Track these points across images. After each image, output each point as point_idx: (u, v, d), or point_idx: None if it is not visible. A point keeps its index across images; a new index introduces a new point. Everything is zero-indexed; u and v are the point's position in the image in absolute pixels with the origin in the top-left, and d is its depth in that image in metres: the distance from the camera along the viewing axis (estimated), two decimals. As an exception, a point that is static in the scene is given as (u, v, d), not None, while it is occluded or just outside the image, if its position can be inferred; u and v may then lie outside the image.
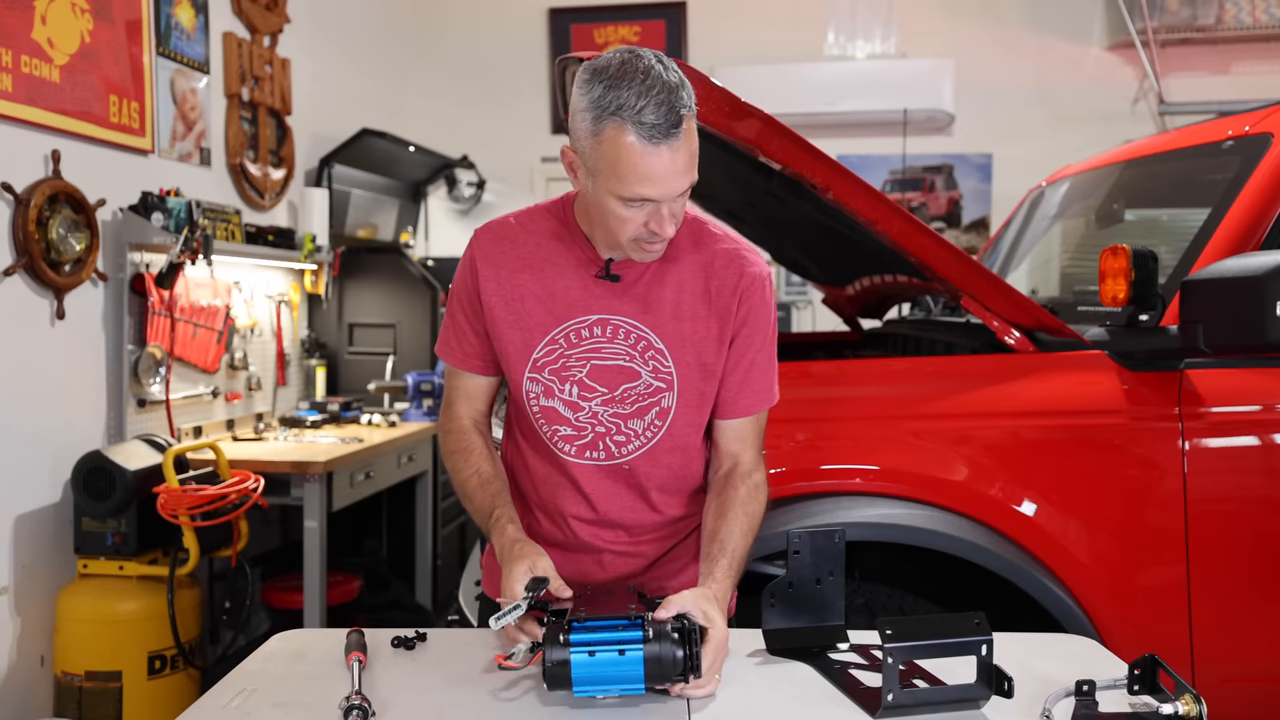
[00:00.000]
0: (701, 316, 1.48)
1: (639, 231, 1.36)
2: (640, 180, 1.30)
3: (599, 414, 1.49)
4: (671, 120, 1.27)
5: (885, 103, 5.24)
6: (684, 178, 1.33)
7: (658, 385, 1.48)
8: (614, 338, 1.47)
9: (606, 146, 1.29)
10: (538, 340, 1.48)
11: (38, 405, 2.84)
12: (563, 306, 1.48)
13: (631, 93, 1.26)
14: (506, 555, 1.38)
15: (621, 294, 1.47)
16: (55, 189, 2.83)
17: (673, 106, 1.27)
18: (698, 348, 1.48)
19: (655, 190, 1.31)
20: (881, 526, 1.96)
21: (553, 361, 1.48)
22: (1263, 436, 2.08)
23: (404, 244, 5.11)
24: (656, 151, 1.28)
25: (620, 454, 1.51)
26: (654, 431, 1.50)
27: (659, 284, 1.48)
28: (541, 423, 1.51)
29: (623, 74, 1.28)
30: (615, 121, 1.27)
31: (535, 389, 1.50)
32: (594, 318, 1.47)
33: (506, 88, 5.71)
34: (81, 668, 2.74)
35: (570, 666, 1.21)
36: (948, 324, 2.74)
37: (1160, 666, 1.22)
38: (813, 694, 1.30)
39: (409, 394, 4.06)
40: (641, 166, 1.28)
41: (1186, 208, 2.55)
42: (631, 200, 1.32)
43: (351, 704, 1.18)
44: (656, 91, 1.27)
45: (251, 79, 3.94)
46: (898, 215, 2.11)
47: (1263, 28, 5.05)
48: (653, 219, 1.34)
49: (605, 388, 1.48)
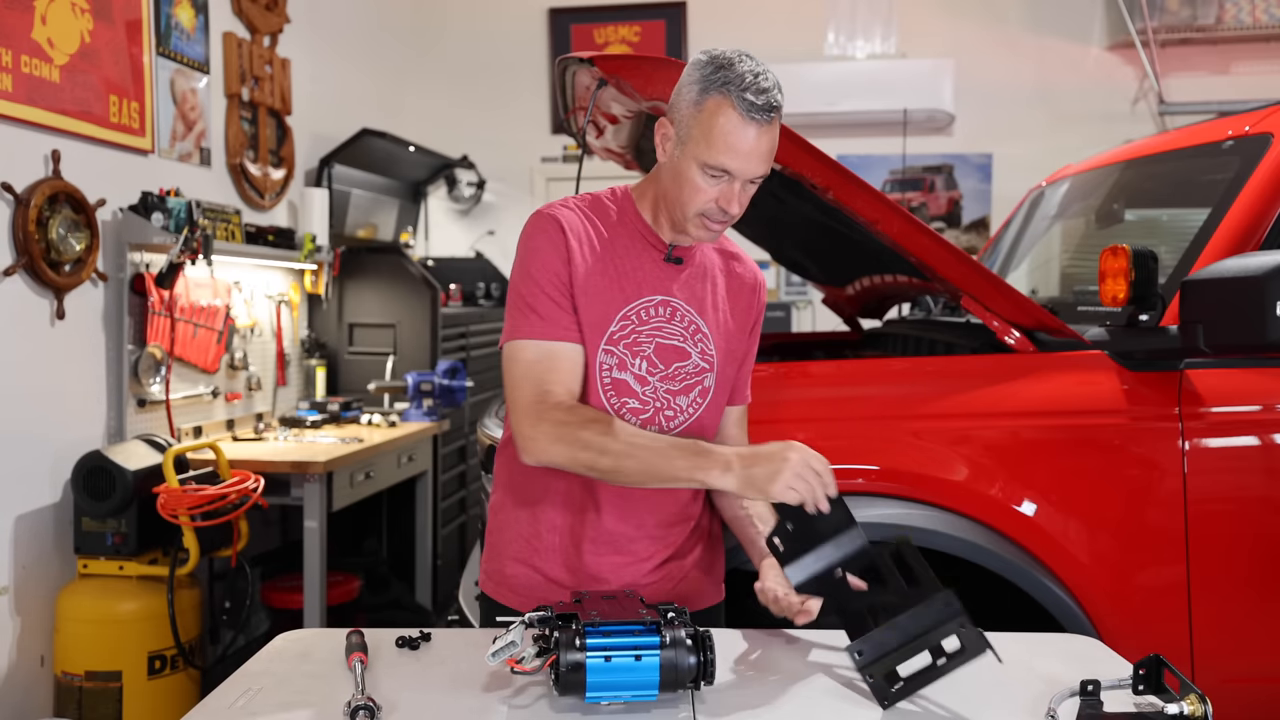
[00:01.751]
0: (729, 309, 1.64)
1: (708, 206, 1.47)
2: (727, 150, 1.42)
3: (659, 389, 1.57)
4: (768, 104, 1.41)
5: (885, 103, 5.24)
6: (762, 162, 1.45)
7: (703, 366, 1.60)
8: (672, 318, 1.58)
9: (706, 114, 1.42)
10: (614, 314, 1.55)
11: (38, 405, 2.83)
12: (633, 285, 1.57)
13: (742, 71, 1.41)
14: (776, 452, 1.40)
15: (675, 278, 1.59)
16: (55, 189, 2.83)
17: (772, 94, 1.42)
18: (729, 337, 1.63)
19: (737, 164, 1.43)
20: (881, 527, 1.96)
21: (626, 336, 1.55)
22: (1263, 436, 2.08)
23: (404, 244, 5.11)
24: (748, 127, 1.41)
25: (669, 427, 1.59)
26: (695, 409, 1.60)
27: (701, 276, 1.62)
28: (611, 395, 1.55)
29: (736, 60, 1.43)
30: (721, 93, 1.41)
31: (610, 360, 1.55)
32: (658, 298, 1.58)
33: (506, 88, 5.71)
34: (81, 668, 2.74)
35: (585, 671, 1.20)
36: (948, 324, 2.74)
37: (1165, 666, 1.22)
38: (819, 692, 1.30)
39: (409, 394, 4.06)
40: (733, 136, 1.41)
41: (1186, 208, 2.56)
42: (713, 169, 1.44)
43: (358, 704, 1.18)
44: (762, 78, 1.42)
45: (251, 79, 3.94)
46: (898, 215, 2.12)
47: (1263, 28, 5.06)
48: (724, 195, 1.46)
49: (664, 364, 1.57)
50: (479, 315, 4.91)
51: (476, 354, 4.81)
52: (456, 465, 4.59)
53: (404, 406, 4.12)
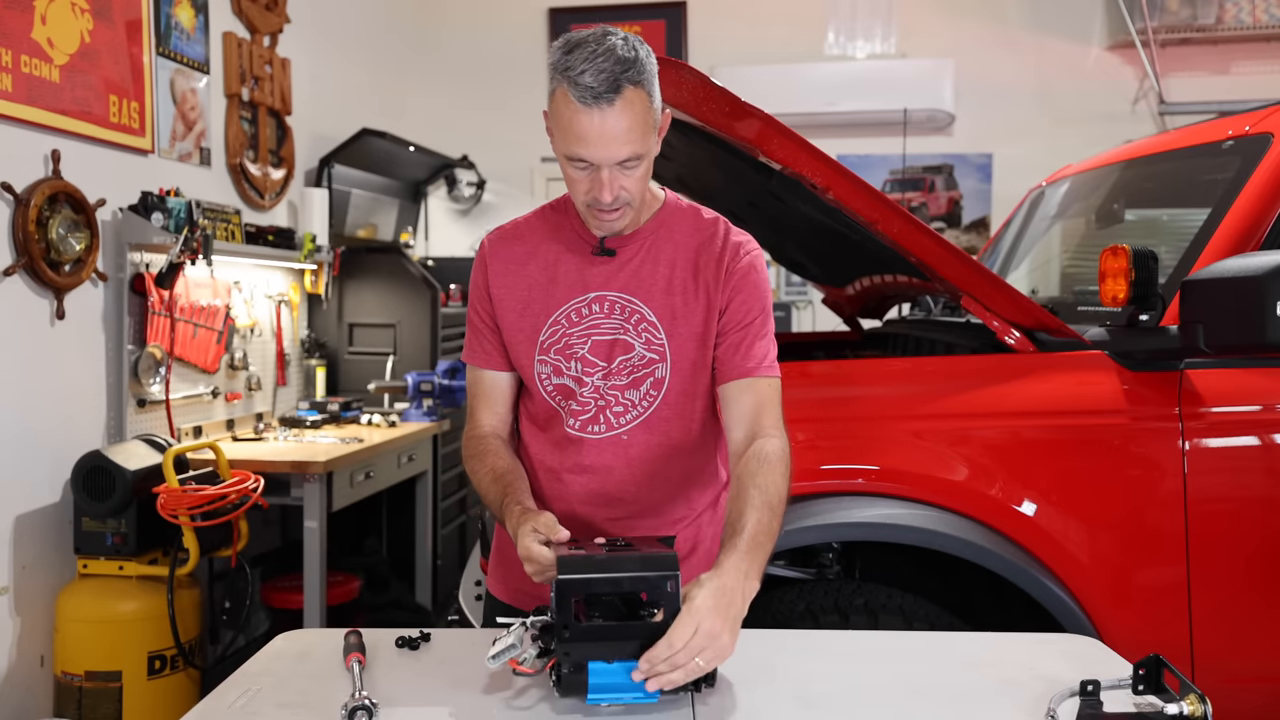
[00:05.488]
0: (692, 290, 1.54)
1: (586, 197, 1.44)
2: (575, 139, 1.38)
3: (600, 388, 1.54)
4: (607, 86, 1.34)
5: (885, 103, 5.24)
6: (621, 145, 1.38)
7: (651, 356, 1.54)
8: (610, 313, 1.54)
9: (555, 106, 1.39)
10: (543, 323, 1.55)
11: (38, 405, 2.83)
12: (564, 288, 1.55)
13: (578, 58, 1.35)
14: (516, 527, 1.39)
15: (616, 271, 1.55)
16: (55, 189, 2.83)
17: (613, 75, 1.35)
18: (689, 320, 1.54)
19: (589, 151, 1.38)
20: (881, 526, 1.96)
21: (556, 341, 1.55)
22: (1263, 436, 2.08)
23: (404, 244, 5.11)
24: (588, 112, 1.35)
25: (619, 424, 1.55)
26: (650, 401, 1.55)
27: (652, 261, 1.55)
28: (558, 400, 1.56)
29: (579, 43, 1.38)
30: (561, 82, 1.37)
31: (545, 369, 1.56)
32: (592, 295, 1.55)
33: (506, 88, 5.71)
34: (81, 668, 2.74)
35: (588, 673, 1.20)
36: (948, 324, 2.74)
37: (1165, 666, 1.22)
38: (821, 694, 1.30)
39: (409, 394, 4.06)
40: (574, 125, 1.36)
41: (1186, 208, 2.56)
42: (572, 160, 1.40)
43: (356, 705, 1.18)
44: (601, 59, 1.35)
45: (251, 79, 3.94)
46: (898, 215, 2.12)
47: (1263, 28, 5.05)
48: (594, 183, 1.41)
49: (604, 361, 1.54)
50: (479, 315, 4.90)
51: (476, 354, 4.79)
52: (456, 465, 4.59)
53: (404, 406, 4.11)
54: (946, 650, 1.47)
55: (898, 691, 1.31)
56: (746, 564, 1.29)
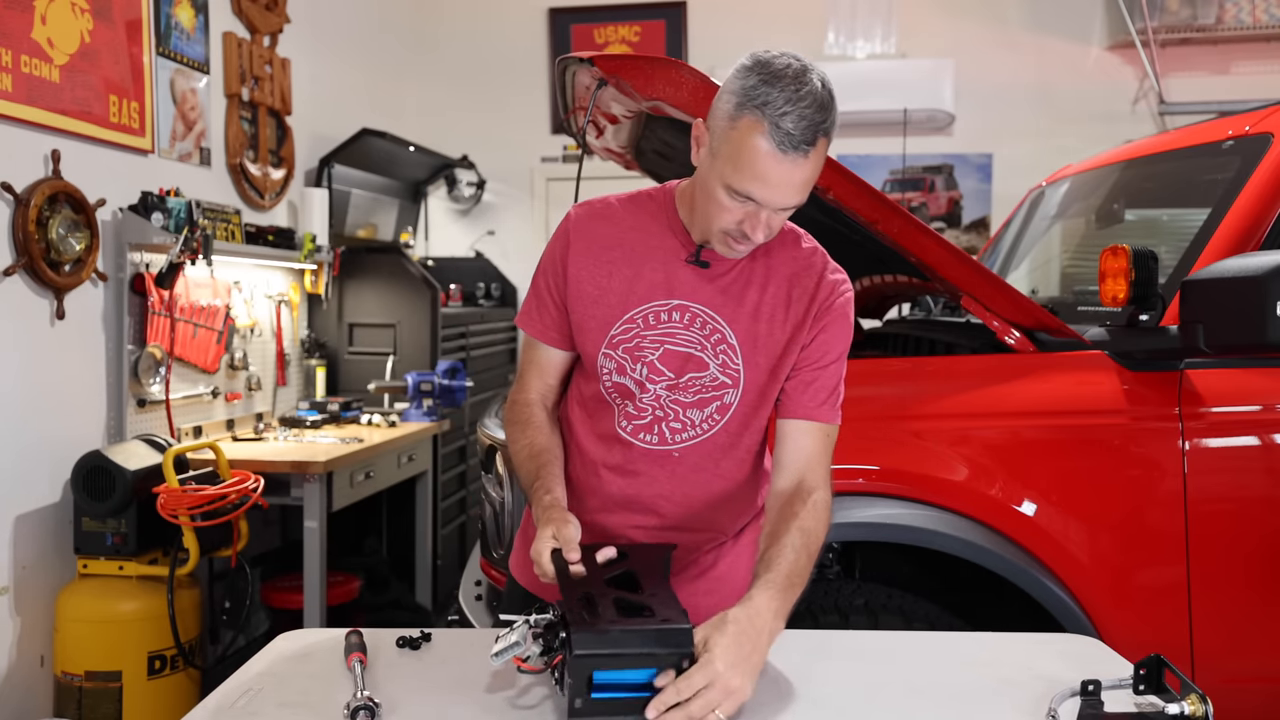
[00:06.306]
0: (779, 320, 1.48)
1: (731, 226, 1.37)
2: (755, 179, 1.30)
3: (662, 398, 1.49)
4: (807, 136, 1.27)
5: (885, 103, 5.24)
6: (796, 193, 1.32)
7: (723, 380, 1.48)
8: (689, 325, 1.47)
9: (738, 135, 1.29)
10: (617, 317, 1.49)
11: (38, 405, 2.83)
12: (646, 287, 1.48)
13: (782, 95, 1.27)
14: (538, 518, 1.38)
15: (705, 283, 1.48)
16: (55, 189, 2.83)
17: (814, 123, 1.28)
18: (770, 350, 1.48)
19: (764, 194, 1.31)
20: (881, 526, 1.96)
21: (628, 340, 1.49)
22: (1263, 436, 2.08)
23: (404, 244, 5.12)
24: (781, 159, 1.28)
25: (673, 440, 1.50)
26: (710, 425, 1.50)
27: (745, 282, 1.48)
28: (615, 397, 1.51)
29: (783, 75, 1.28)
30: (755, 115, 1.27)
31: (609, 364, 1.50)
32: (674, 303, 1.48)
33: (506, 88, 5.71)
34: (81, 668, 2.74)
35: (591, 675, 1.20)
36: (948, 324, 2.74)
37: (1166, 666, 1.22)
38: (825, 694, 1.30)
39: (409, 394, 4.06)
40: (761, 166, 1.29)
41: (1186, 208, 2.56)
42: (738, 194, 1.32)
43: (359, 704, 1.18)
44: (806, 105, 1.27)
45: (251, 79, 3.94)
46: (898, 215, 2.12)
47: (1263, 28, 5.05)
48: (749, 220, 1.35)
49: (672, 373, 1.48)
50: (479, 315, 4.91)
51: (476, 354, 4.81)
52: (456, 465, 4.59)
53: (404, 406, 4.12)
54: (946, 650, 1.47)
55: (897, 691, 1.31)
56: (779, 603, 1.28)
